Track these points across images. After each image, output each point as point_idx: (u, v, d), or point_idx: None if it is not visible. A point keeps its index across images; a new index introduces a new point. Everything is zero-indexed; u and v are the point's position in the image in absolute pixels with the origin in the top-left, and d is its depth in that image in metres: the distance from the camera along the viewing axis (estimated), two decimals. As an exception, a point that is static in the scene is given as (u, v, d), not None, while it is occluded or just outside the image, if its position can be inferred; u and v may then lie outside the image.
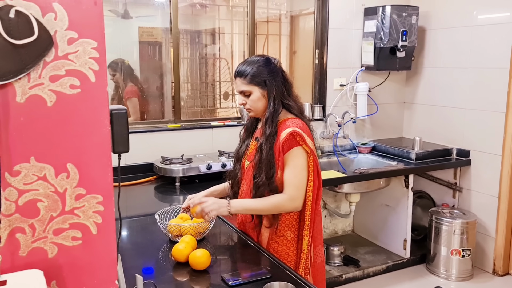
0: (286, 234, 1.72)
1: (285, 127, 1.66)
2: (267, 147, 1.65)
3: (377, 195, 3.47)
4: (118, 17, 3.12)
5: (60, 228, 0.79)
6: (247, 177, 1.76)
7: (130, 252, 1.71)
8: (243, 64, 1.71)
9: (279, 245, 1.73)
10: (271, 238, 1.73)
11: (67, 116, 0.76)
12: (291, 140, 1.64)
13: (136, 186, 2.64)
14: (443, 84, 3.49)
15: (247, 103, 1.71)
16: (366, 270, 3.19)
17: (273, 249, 1.73)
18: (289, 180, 1.64)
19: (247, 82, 1.68)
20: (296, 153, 1.64)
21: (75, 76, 0.75)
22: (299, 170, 1.65)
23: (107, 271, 0.85)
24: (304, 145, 1.65)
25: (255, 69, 1.67)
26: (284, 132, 1.65)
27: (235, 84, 1.75)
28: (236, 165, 1.85)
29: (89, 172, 0.81)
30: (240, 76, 1.69)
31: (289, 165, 1.65)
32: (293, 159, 1.64)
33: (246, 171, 1.78)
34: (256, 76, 1.67)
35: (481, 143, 3.24)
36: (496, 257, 3.22)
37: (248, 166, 1.76)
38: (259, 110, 1.72)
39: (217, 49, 3.73)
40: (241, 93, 1.71)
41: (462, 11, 3.29)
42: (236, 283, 1.39)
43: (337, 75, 3.44)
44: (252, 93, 1.68)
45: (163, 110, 3.26)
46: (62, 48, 0.73)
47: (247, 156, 1.79)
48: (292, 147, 1.64)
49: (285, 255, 1.73)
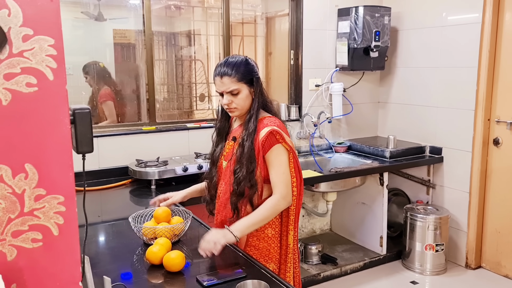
0: (266, 231, 1.73)
1: (263, 126, 1.68)
2: (248, 143, 1.66)
3: (353, 194, 3.51)
4: (91, 19, 3.07)
5: (19, 230, 0.78)
6: (225, 176, 1.76)
7: (105, 257, 1.70)
8: (227, 64, 1.68)
9: (260, 241, 1.73)
10: (251, 234, 1.72)
11: (24, 115, 0.75)
12: (271, 138, 1.66)
13: (111, 190, 2.60)
14: (415, 84, 3.56)
15: (233, 102, 1.69)
16: (343, 268, 3.22)
17: (254, 246, 1.73)
18: (277, 179, 1.67)
19: (237, 80, 1.67)
20: (278, 151, 1.67)
21: (31, 74, 0.74)
22: (284, 168, 1.68)
23: (70, 272, 0.83)
24: (283, 143, 1.67)
25: (243, 67, 1.68)
26: (263, 130, 1.66)
27: (219, 85, 1.69)
28: (212, 169, 1.84)
29: (49, 172, 0.79)
30: (229, 75, 1.66)
31: (273, 164, 1.67)
32: (276, 158, 1.67)
33: (223, 171, 1.78)
34: (246, 74, 1.68)
35: (452, 141, 3.32)
36: (468, 250, 3.30)
37: (226, 165, 1.76)
38: (245, 108, 1.72)
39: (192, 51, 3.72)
40: (228, 93, 1.68)
41: (433, 12, 3.37)
42: (210, 283, 1.38)
43: (312, 75, 3.48)
44: (240, 91, 1.67)
45: (139, 112, 3.22)
46: (17, 45, 0.72)
47: (224, 157, 1.78)
48: (273, 146, 1.66)
49: (266, 252, 1.74)
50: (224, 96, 1.69)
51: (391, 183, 3.56)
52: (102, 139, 2.74)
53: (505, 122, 3.09)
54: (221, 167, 1.79)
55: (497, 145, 3.16)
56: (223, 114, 1.83)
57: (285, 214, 1.75)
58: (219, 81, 1.69)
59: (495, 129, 3.15)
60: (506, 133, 3.09)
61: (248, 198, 1.70)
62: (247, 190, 1.68)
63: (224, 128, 1.84)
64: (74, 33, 3.04)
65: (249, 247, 1.74)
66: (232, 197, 1.71)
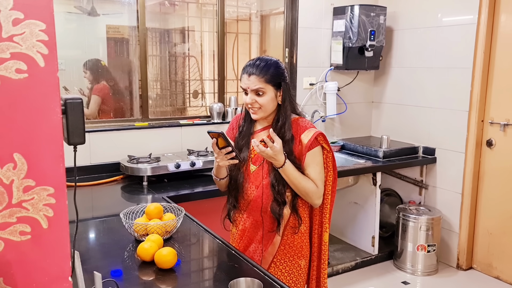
0: (301, 228, 1.76)
1: (301, 128, 1.70)
2: (287, 151, 1.66)
3: (346, 193, 3.51)
4: (84, 14, 3.03)
5: (6, 222, 0.75)
6: (256, 180, 1.74)
7: (96, 253, 1.67)
8: (257, 64, 1.66)
9: (294, 238, 1.76)
10: (286, 232, 1.75)
11: (13, 103, 0.72)
12: (314, 140, 1.69)
13: (102, 186, 2.56)
14: (410, 84, 3.57)
15: (258, 102, 1.66)
16: (335, 267, 3.22)
17: (288, 244, 1.75)
18: (315, 176, 1.69)
19: (265, 81, 1.64)
20: (317, 152, 1.70)
21: (21, 60, 0.71)
22: (321, 167, 1.72)
23: (59, 267, 0.80)
24: (325, 144, 1.72)
25: (273, 69, 1.66)
26: (306, 134, 1.68)
27: (245, 81, 1.67)
28: (237, 174, 1.77)
29: (39, 163, 0.76)
30: (259, 74, 1.64)
31: (311, 163, 1.69)
32: (314, 158, 1.69)
33: (252, 174, 1.75)
34: (274, 77, 1.65)
35: (446, 141, 3.33)
36: (460, 251, 3.32)
37: (255, 170, 1.74)
38: (269, 111, 1.69)
39: (186, 47, 3.69)
40: (253, 92, 1.65)
41: (428, 13, 3.38)
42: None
43: (307, 74, 3.46)
44: (266, 93, 1.65)
45: (131, 108, 3.19)
46: (7, 30, 0.69)
47: (251, 160, 1.75)
48: (314, 147, 1.69)
49: (300, 248, 1.77)
50: (248, 95, 1.67)
51: (384, 183, 3.56)
52: (93, 134, 2.71)
53: (499, 123, 3.10)
54: (247, 170, 1.76)
55: (490, 146, 3.17)
56: (247, 117, 1.78)
57: (319, 211, 1.79)
58: (246, 79, 1.66)
59: (489, 131, 3.17)
60: (499, 134, 3.11)
61: (290, 205, 1.73)
62: (290, 197, 1.71)
63: (248, 130, 1.78)
64: (66, 27, 2.99)
65: (283, 246, 1.75)
66: (273, 205, 1.71)
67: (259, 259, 1.77)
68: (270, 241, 1.76)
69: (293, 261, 1.77)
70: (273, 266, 1.76)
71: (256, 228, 1.78)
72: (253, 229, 1.78)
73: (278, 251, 1.75)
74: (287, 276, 1.77)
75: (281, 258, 1.76)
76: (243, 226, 1.81)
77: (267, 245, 1.76)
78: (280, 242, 1.75)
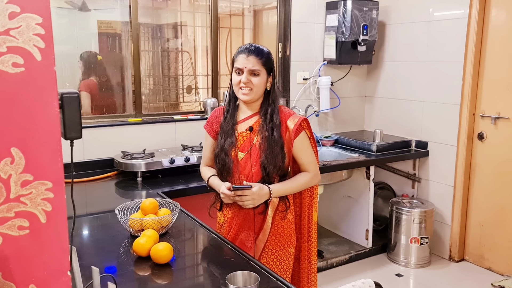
0: (288, 216, 1.82)
1: (285, 115, 1.76)
2: (277, 135, 1.72)
3: (339, 187, 3.53)
4: (75, 9, 3.00)
5: (4, 217, 0.74)
6: (244, 169, 1.74)
7: (91, 249, 1.67)
8: (255, 47, 1.73)
9: (284, 228, 1.81)
10: (275, 223, 1.79)
11: (10, 97, 0.71)
12: (299, 126, 1.75)
13: (96, 182, 2.55)
14: (402, 78, 3.59)
15: (252, 82, 1.70)
16: (329, 261, 3.24)
17: (279, 234, 1.80)
18: (307, 160, 1.79)
19: (262, 64, 1.71)
20: (304, 136, 1.78)
21: (18, 54, 0.70)
22: (310, 150, 1.81)
23: (58, 261, 0.80)
24: (307, 130, 1.79)
25: (267, 55, 1.74)
26: (290, 120, 1.75)
27: (242, 61, 1.70)
28: (226, 160, 1.75)
29: (37, 157, 0.76)
30: (257, 55, 1.70)
31: (301, 148, 1.77)
32: (303, 142, 1.78)
33: (240, 162, 1.74)
34: (269, 62, 1.74)
35: (438, 135, 3.36)
36: (452, 243, 3.36)
37: (243, 157, 1.74)
38: (259, 94, 1.75)
39: (179, 42, 3.67)
40: (250, 72, 1.70)
41: (420, 7, 3.39)
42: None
43: (300, 68, 3.47)
44: (260, 74, 1.71)
45: (124, 104, 3.17)
46: (3, 23, 0.68)
47: (239, 148, 1.75)
48: (300, 132, 1.76)
49: (289, 237, 1.83)
50: (244, 74, 1.70)
51: (377, 177, 3.59)
52: (87, 130, 2.69)
53: (490, 116, 3.13)
54: (235, 159, 1.75)
55: (481, 139, 3.21)
56: (231, 102, 1.81)
57: (309, 195, 1.87)
58: (245, 58, 1.71)
59: (480, 124, 3.20)
60: (490, 127, 3.14)
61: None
62: (276, 180, 1.76)
63: (232, 118, 1.79)
64: (57, 22, 2.96)
65: (274, 235, 1.79)
66: None
67: (251, 246, 1.79)
68: (261, 228, 1.78)
69: (283, 249, 1.81)
70: (264, 256, 1.79)
71: (246, 214, 1.79)
72: (242, 215, 1.79)
73: (269, 239, 1.78)
74: (279, 265, 1.80)
75: (272, 248, 1.79)
76: (232, 213, 1.81)
77: (258, 232, 1.79)
78: (270, 231, 1.78)
